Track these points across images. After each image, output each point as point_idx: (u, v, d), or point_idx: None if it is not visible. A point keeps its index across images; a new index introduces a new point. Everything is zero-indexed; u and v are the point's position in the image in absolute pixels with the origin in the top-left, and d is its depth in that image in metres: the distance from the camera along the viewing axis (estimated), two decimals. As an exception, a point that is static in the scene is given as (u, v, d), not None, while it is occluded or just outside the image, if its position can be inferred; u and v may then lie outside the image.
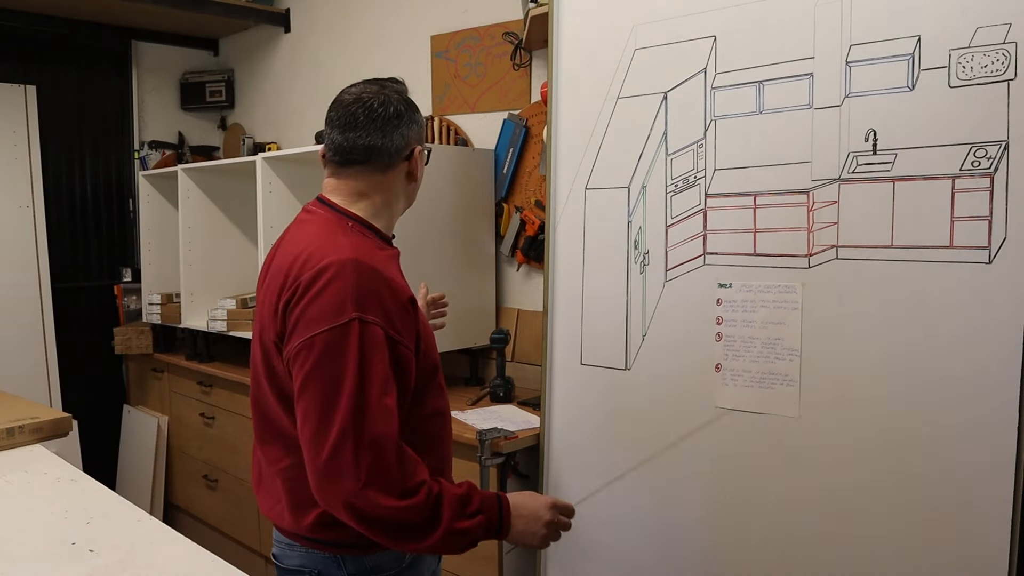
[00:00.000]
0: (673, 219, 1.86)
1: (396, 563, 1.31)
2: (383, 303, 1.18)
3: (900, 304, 1.56)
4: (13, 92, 3.52)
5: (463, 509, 1.20)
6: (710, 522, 1.81)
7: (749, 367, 1.75)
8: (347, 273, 1.17)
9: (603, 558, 2.00)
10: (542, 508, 1.29)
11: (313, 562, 1.30)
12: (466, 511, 1.20)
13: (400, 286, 1.23)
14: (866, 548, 1.61)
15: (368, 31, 3.29)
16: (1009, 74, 1.44)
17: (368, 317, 1.15)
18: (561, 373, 2.07)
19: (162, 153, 4.01)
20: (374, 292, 1.17)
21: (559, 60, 2.07)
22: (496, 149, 2.77)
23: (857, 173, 1.61)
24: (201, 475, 3.37)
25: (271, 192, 2.88)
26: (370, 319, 1.15)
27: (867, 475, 1.60)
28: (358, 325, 1.14)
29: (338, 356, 1.14)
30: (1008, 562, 1.46)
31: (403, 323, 1.20)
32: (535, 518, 1.28)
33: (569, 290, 2.05)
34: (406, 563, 1.32)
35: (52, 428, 2.01)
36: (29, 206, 3.55)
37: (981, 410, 1.48)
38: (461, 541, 1.20)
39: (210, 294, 3.39)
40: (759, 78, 1.72)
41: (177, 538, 1.39)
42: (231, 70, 4.08)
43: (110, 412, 3.88)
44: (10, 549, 1.35)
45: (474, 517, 1.20)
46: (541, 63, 2.63)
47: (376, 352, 1.15)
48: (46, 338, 3.58)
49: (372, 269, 1.19)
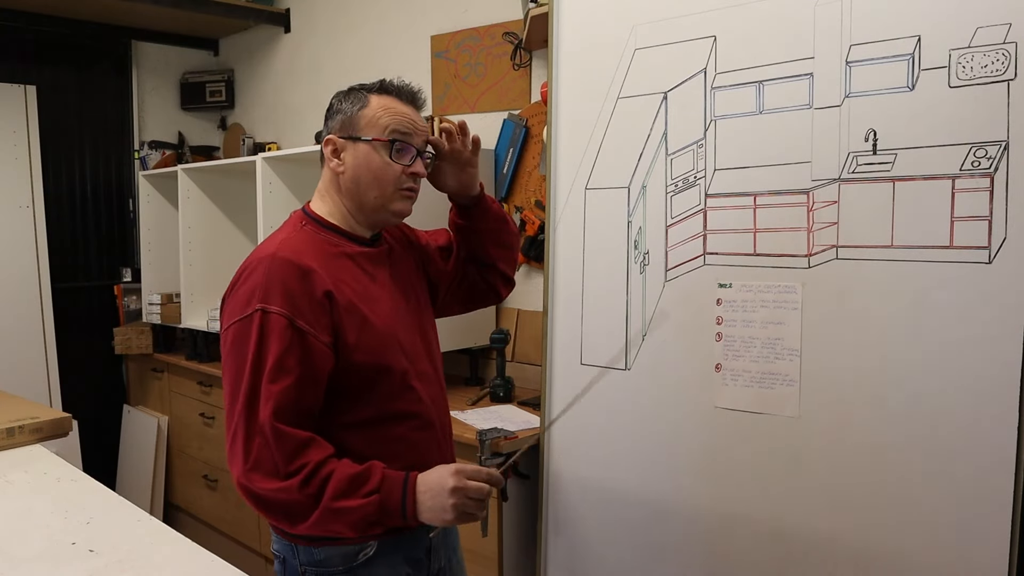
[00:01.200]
0: (673, 219, 1.86)
1: (345, 560, 1.30)
2: (290, 294, 1.21)
3: (900, 304, 1.56)
4: (13, 92, 3.51)
5: (353, 489, 1.18)
6: (710, 522, 1.81)
7: (749, 367, 1.75)
8: (261, 268, 1.24)
9: (603, 558, 2.00)
10: (446, 476, 1.21)
11: (281, 547, 1.36)
12: (358, 491, 1.18)
13: (319, 280, 1.24)
14: (866, 548, 1.61)
15: (368, 31, 3.29)
16: (1009, 74, 1.44)
17: (271, 308, 1.20)
18: (561, 373, 2.07)
19: (162, 153, 4.01)
20: (281, 283, 1.21)
21: (559, 60, 2.07)
22: (496, 149, 2.77)
23: (857, 173, 1.61)
24: (201, 475, 3.37)
25: (271, 192, 2.88)
26: (272, 309, 1.20)
27: (867, 475, 1.60)
28: (260, 315, 1.20)
29: (242, 346, 1.21)
30: (1008, 562, 1.46)
31: (315, 315, 1.22)
32: (440, 489, 1.20)
33: (569, 290, 2.05)
34: (358, 562, 1.30)
35: (52, 428, 2.01)
36: (29, 206, 3.55)
37: (981, 410, 1.48)
38: (345, 519, 1.18)
39: (210, 294, 3.39)
40: (759, 78, 1.72)
41: (177, 538, 1.39)
42: (231, 70, 4.08)
43: (110, 412, 3.88)
44: (10, 549, 1.35)
45: (367, 496, 1.18)
46: (541, 63, 2.63)
47: (273, 340, 1.19)
48: (46, 338, 3.58)
49: (287, 262, 1.23)
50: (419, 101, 1.39)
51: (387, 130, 1.32)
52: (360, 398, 1.29)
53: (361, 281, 1.33)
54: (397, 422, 1.32)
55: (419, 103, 1.39)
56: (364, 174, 1.32)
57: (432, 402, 1.39)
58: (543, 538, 2.12)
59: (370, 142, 1.31)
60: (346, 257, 1.33)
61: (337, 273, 1.29)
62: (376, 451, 1.27)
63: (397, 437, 1.32)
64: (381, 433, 1.31)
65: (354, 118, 1.33)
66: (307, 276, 1.24)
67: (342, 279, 1.29)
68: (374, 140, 1.31)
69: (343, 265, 1.32)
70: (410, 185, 1.35)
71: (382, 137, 1.31)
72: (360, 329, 1.27)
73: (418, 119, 1.37)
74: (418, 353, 1.39)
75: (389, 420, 1.31)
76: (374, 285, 1.35)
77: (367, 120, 1.32)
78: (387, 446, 1.30)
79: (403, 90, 1.36)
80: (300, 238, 1.32)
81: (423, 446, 1.36)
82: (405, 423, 1.33)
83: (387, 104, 1.34)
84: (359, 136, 1.32)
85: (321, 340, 1.23)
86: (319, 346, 1.23)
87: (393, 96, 1.35)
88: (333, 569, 1.30)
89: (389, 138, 1.31)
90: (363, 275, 1.34)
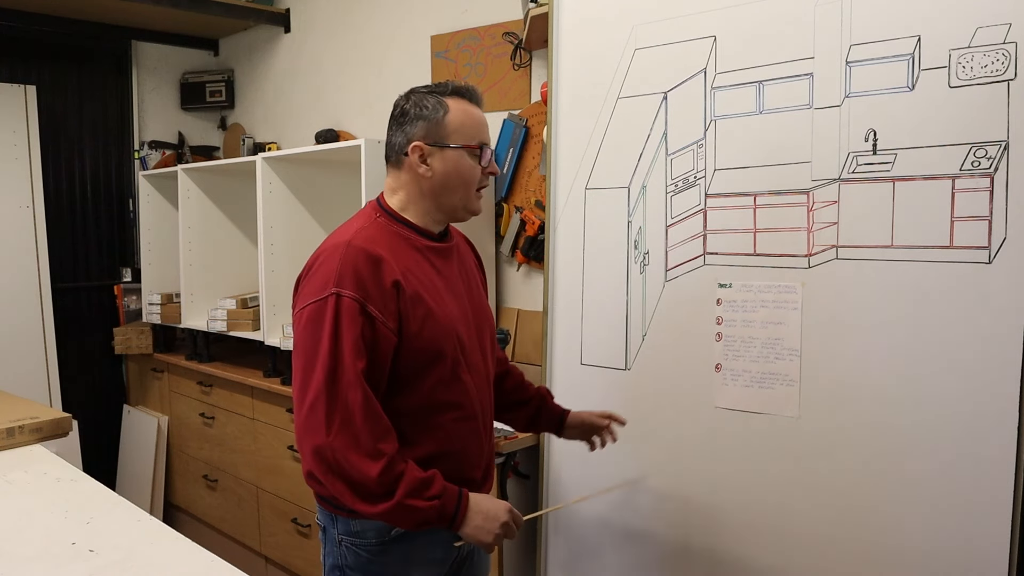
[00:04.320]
0: (673, 219, 1.86)
1: (379, 534, 1.37)
2: (362, 281, 1.28)
3: (900, 304, 1.56)
4: (13, 92, 3.51)
5: (421, 490, 1.27)
6: (710, 522, 1.81)
7: (749, 367, 1.75)
8: (336, 255, 1.31)
9: (602, 557, 2.00)
10: (501, 511, 1.34)
11: (323, 517, 1.44)
12: (424, 493, 1.27)
13: (388, 269, 1.30)
14: (866, 548, 1.61)
15: (368, 31, 3.29)
16: (1009, 74, 1.44)
17: (344, 292, 1.27)
18: (561, 373, 2.07)
19: (162, 153, 4.01)
20: (355, 270, 1.28)
21: (559, 60, 2.07)
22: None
23: (857, 173, 1.61)
24: (201, 475, 3.37)
25: (271, 192, 2.88)
26: (346, 293, 1.27)
27: (867, 475, 1.60)
28: (334, 299, 1.27)
29: (317, 326, 1.28)
30: (1008, 562, 1.46)
31: (383, 302, 1.29)
32: (493, 517, 1.33)
33: (569, 290, 2.05)
34: (390, 537, 1.37)
35: (52, 428, 2.01)
36: (29, 206, 3.55)
37: (981, 410, 1.48)
38: (411, 517, 1.27)
39: (210, 294, 3.39)
40: (759, 78, 1.72)
41: (177, 538, 1.39)
42: (231, 70, 4.08)
43: (110, 412, 3.88)
44: (10, 549, 1.35)
45: (430, 500, 1.27)
46: (541, 63, 2.63)
47: (350, 322, 1.26)
48: (46, 338, 3.58)
49: (362, 250, 1.30)
50: (483, 102, 1.46)
51: (475, 138, 1.39)
52: (411, 384, 1.35)
53: (428, 273, 1.38)
54: (442, 411, 1.38)
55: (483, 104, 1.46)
56: (454, 179, 1.39)
57: (478, 395, 1.44)
58: (543, 538, 2.12)
59: (459, 148, 1.37)
60: (415, 250, 1.39)
61: (406, 264, 1.35)
62: (419, 434, 1.35)
63: (438, 425, 1.38)
64: (425, 421, 1.37)
65: (439, 125, 1.38)
66: (378, 265, 1.30)
67: (410, 270, 1.35)
68: (464, 147, 1.38)
69: (412, 257, 1.38)
70: (485, 184, 1.44)
71: (471, 144, 1.38)
72: (424, 319, 1.34)
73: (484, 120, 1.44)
74: (472, 347, 1.44)
75: (435, 409, 1.37)
76: (439, 278, 1.41)
77: (454, 127, 1.38)
78: (429, 433, 1.37)
79: (475, 93, 1.42)
80: (374, 228, 1.38)
81: (463, 435, 1.42)
82: (449, 413, 1.39)
83: (466, 109, 1.39)
84: (447, 143, 1.37)
85: (388, 326, 1.30)
86: (386, 332, 1.29)
87: (467, 100, 1.41)
88: (367, 541, 1.37)
89: (479, 144, 1.39)
90: (430, 268, 1.40)
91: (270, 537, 2.98)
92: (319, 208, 2.99)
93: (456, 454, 1.40)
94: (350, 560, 1.39)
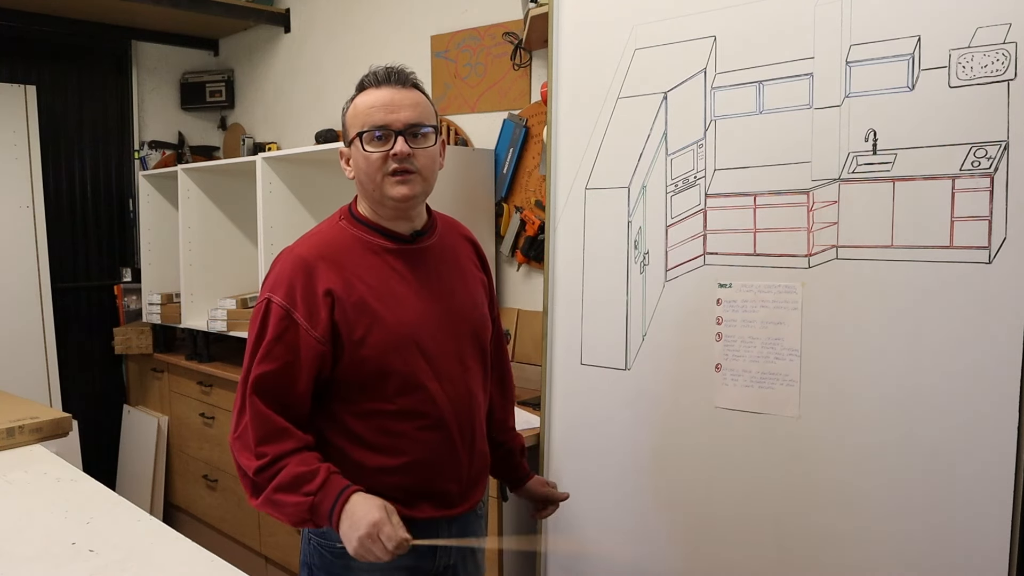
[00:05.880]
0: (673, 219, 1.86)
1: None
2: (292, 288, 1.31)
3: (900, 304, 1.56)
4: (13, 92, 3.51)
5: (296, 486, 1.25)
6: (710, 522, 1.81)
7: (749, 367, 1.75)
8: (279, 261, 1.36)
9: (602, 557, 2.00)
10: (374, 510, 1.22)
11: None
12: (300, 489, 1.25)
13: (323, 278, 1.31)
14: (866, 548, 1.61)
15: (368, 31, 3.29)
16: (1009, 74, 1.44)
17: (275, 298, 1.31)
18: (561, 373, 2.07)
19: (162, 153, 4.01)
20: (289, 278, 1.32)
21: (559, 60, 2.07)
22: (496, 149, 2.77)
23: (857, 173, 1.61)
24: (201, 475, 3.37)
25: (271, 192, 2.88)
26: (276, 299, 1.31)
27: (867, 475, 1.60)
28: (265, 304, 1.32)
29: (251, 328, 1.34)
30: (1008, 562, 1.46)
31: (310, 310, 1.31)
32: (361, 518, 1.22)
33: (569, 290, 2.05)
34: None
35: (52, 428, 2.01)
36: (29, 206, 3.55)
37: (981, 410, 1.48)
38: (283, 512, 1.28)
39: (210, 294, 3.39)
40: (759, 78, 1.72)
41: (177, 538, 1.39)
42: (231, 70, 4.08)
43: (110, 412, 3.88)
44: (10, 549, 1.35)
45: (305, 496, 1.25)
46: (541, 63, 2.63)
47: (272, 327, 1.30)
48: (46, 338, 3.58)
49: (299, 258, 1.33)
50: (396, 78, 1.35)
51: (365, 124, 1.32)
52: (366, 390, 1.34)
53: (384, 279, 1.35)
54: (401, 419, 1.35)
55: (397, 80, 1.35)
56: (362, 172, 1.35)
57: (451, 404, 1.38)
58: (543, 538, 2.12)
59: (354, 140, 1.35)
60: (373, 254, 1.37)
61: (356, 271, 1.34)
62: (380, 441, 1.35)
63: (400, 432, 1.35)
64: (384, 425, 1.35)
65: (345, 126, 1.39)
66: (311, 273, 1.31)
67: (359, 277, 1.33)
68: (354, 138, 1.35)
69: (368, 262, 1.36)
70: (395, 167, 1.31)
71: (362, 131, 1.32)
72: (370, 326, 1.32)
73: (399, 98, 1.33)
74: (443, 354, 1.38)
75: (393, 415, 1.34)
76: (401, 283, 1.36)
77: (349, 122, 1.37)
78: (391, 439, 1.35)
79: (377, 75, 1.35)
80: (330, 234, 1.39)
81: (433, 446, 1.37)
82: (411, 421, 1.35)
83: (361, 99, 1.35)
84: (349, 140, 1.38)
85: (313, 334, 1.30)
86: (309, 339, 1.30)
87: (370, 87, 1.35)
88: (331, 543, 1.35)
89: (360, 131, 1.32)
90: (391, 273, 1.36)
91: (270, 537, 2.98)
92: (319, 208, 2.99)
93: (425, 464, 1.36)
94: (316, 560, 1.39)
